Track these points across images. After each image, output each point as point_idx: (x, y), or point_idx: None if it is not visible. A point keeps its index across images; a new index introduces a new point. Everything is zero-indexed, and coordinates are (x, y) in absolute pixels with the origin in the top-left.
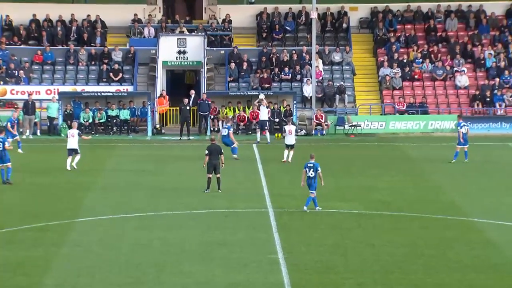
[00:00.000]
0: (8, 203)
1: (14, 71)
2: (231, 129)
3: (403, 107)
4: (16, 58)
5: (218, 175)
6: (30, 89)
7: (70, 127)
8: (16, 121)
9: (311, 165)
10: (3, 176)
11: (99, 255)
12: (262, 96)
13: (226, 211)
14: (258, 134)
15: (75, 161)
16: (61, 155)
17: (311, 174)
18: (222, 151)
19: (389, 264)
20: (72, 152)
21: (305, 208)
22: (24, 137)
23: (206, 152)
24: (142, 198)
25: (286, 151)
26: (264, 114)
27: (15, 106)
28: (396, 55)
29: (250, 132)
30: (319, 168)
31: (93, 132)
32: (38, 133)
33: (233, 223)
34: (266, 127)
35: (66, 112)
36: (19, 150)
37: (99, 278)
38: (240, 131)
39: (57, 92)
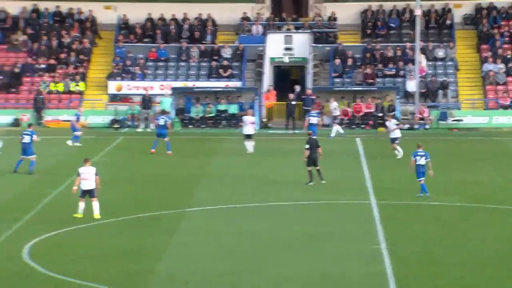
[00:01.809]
0: (123, 193)
1: (129, 68)
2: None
3: (507, 102)
4: (132, 55)
5: (318, 167)
6: (145, 84)
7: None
8: (77, 116)
9: (422, 153)
10: (16, 167)
11: (207, 243)
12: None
13: (330, 203)
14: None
15: None
16: (174, 147)
17: (422, 162)
18: (319, 144)
19: (491, 258)
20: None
21: (420, 194)
22: (139, 130)
23: (307, 146)
24: (249, 190)
25: (394, 145)
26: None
27: (131, 101)
28: (500, 51)
29: (354, 126)
30: (429, 157)
31: (203, 126)
32: (152, 127)
33: (336, 215)
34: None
35: (178, 107)
36: (68, 142)
37: (208, 266)
38: (344, 125)
39: (170, 88)
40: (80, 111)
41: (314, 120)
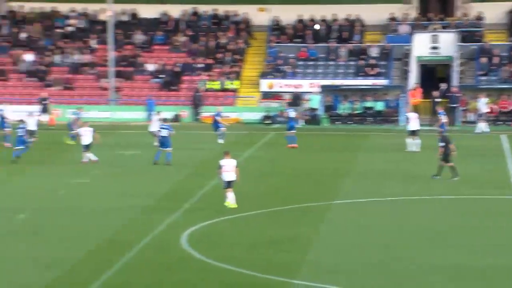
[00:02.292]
0: (273, 186)
1: (281, 67)
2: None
3: None
4: (283, 54)
5: (451, 164)
6: (295, 82)
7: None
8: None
9: None
10: (156, 157)
11: (353, 235)
12: None
13: (474, 197)
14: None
15: None
16: (321, 142)
17: None
18: (451, 141)
19: None
20: None
21: None
22: None
23: (442, 144)
24: (394, 184)
25: None
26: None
27: (281, 98)
28: None
29: (500, 123)
30: None
31: (350, 122)
32: (301, 123)
33: (481, 209)
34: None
35: (326, 104)
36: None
37: (355, 256)
38: (489, 122)
39: (319, 86)
40: (220, 109)
41: (444, 118)
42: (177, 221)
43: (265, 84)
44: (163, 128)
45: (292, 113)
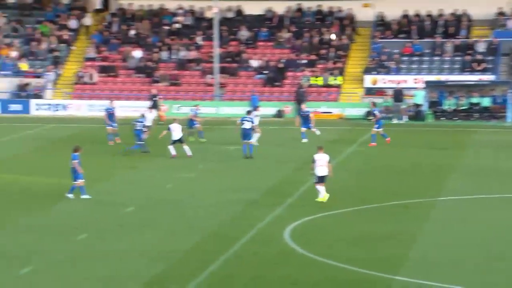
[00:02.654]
0: (375, 182)
1: (385, 62)
2: None
3: None
4: (387, 50)
5: None
6: (399, 78)
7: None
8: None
9: None
10: (245, 151)
11: (459, 232)
12: None
13: None
14: None
15: None
16: (425, 138)
17: None
18: None
19: None
20: None
21: None
22: (394, 122)
23: None
24: (500, 181)
25: None
26: None
27: (384, 94)
28: None
29: None
30: None
31: (455, 118)
32: (405, 119)
33: None
34: None
35: (431, 100)
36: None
37: (461, 253)
38: None
39: (423, 81)
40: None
41: None
42: (280, 216)
43: (369, 80)
44: (246, 120)
45: (377, 113)
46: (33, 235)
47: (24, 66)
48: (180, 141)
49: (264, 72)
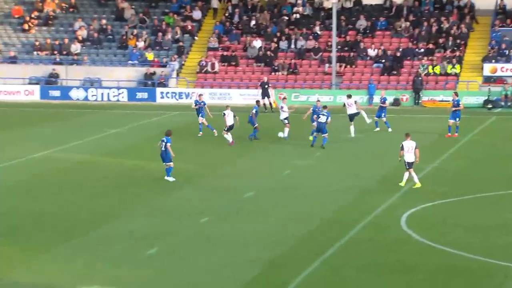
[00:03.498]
0: (495, 170)
1: (505, 51)
2: None
3: None
4: (507, 38)
5: None
6: None
7: None
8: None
9: None
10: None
11: None
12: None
13: None
14: None
15: None
16: None
17: None
18: None
19: None
20: None
21: None
22: None
23: None
24: None
25: None
26: None
27: (505, 82)
28: None
29: None
30: None
31: None
32: None
33: None
34: None
35: None
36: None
37: None
38: None
39: None
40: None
41: None
42: (396, 203)
43: (487, 69)
44: (322, 115)
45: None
46: (158, 218)
47: (150, 56)
48: (231, 128)
49: (381, 61)
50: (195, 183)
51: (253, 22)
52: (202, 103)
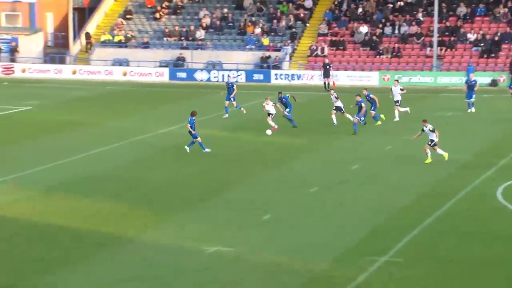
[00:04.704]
0: None
1: None
2: None
3: None
4: None
5: None
6: None
7: None
8: None
9: None
10: None
11: None
12: None
13: None
14: None
15: None
16: None
17: None
18: None
19: None
20: None
21: None
22: None
23: None
24: None
25: None
26: None
27: None
28: None
29: None
30: None
31: None
32: None
33: None
34: None
35: None
36: None
37: None
38: None
39: None
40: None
41: None
42: (493, 176)
43: None
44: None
45: None
46: (272, 187)
47: (265, 41)
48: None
49: (480, 44)
50: (306, 156)
51: (360, 10)
52: (231, 84)
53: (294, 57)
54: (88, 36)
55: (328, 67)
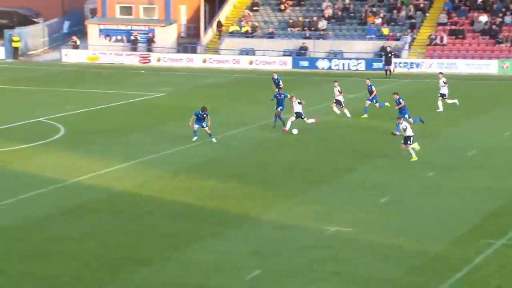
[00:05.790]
0: None
1: None
2: None
3: None
4: None
5: None
6: None
7: None
8: None
9: None
10: None
11: None
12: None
13: None
14: None
15: None
16: None
17: None
18: None
19: None
20: None
21: None
22: None
23: None
24: None
25: None
26: None
27: None
28: None
29: None
30: None
31: None
32: None
33: None
34: None
35: None
36: None
37: None
38: None
39: None
40: None
41: None
42: None
43: None
44: None
45: None
46: (392, 170)
47: (385, 30)
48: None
49: None
50: (422, 142)
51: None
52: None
53: (413, 46)
54: (219, 24)
55: (390, 54)
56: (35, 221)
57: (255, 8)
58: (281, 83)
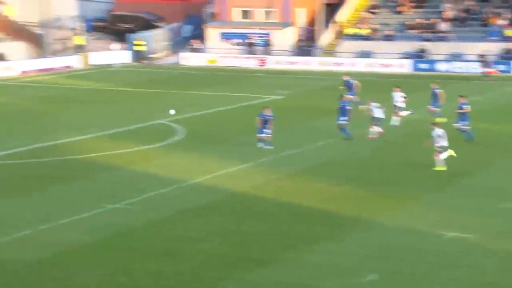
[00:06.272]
0: None
1: None
2: None
3: None
4: None
5: None
6: None
7: None
8: None
9: None
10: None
11: None
12: None
13: None
14: None
15: None
16: None
17: None
18: None
19: None
20: None
21: None
22: None
23: None
24: None
25: None
26: None
27: None
28: None
29: None
30: None
31: None
32: None
33: None
34: None
35: None
36: None
37: None
38: None
39: None
40: None
41: None
42: None
43: None
44: None
45: None
46: (506, 174)
47: (509, 32)
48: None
49: None
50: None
51: None
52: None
53: None
54: (338, 27)
55: (483, 57)
56: (157, 220)
57: (373, 11)
58: (354, 86)
